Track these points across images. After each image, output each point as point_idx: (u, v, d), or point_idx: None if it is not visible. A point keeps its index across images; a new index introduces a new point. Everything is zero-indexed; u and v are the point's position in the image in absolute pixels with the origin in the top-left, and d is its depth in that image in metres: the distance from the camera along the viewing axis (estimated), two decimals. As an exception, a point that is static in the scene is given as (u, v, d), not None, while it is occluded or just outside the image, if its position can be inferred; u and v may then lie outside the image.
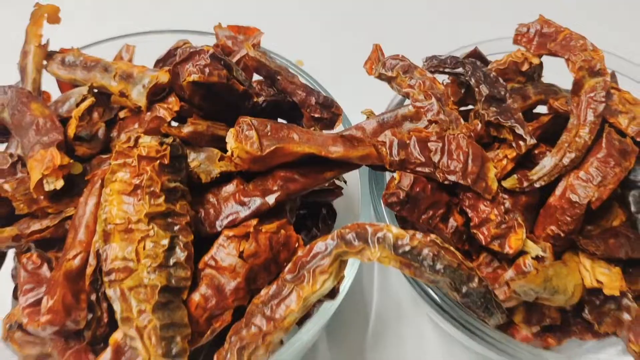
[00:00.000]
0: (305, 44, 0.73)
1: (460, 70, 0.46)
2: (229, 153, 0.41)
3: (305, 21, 0.80)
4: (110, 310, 0.37)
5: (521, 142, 0.43)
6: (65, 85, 0.49)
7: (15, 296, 0.44)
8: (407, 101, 0.47)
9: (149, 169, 0.36)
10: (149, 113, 0.43)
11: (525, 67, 0.48)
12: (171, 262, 0.36)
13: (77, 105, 0.45)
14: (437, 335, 0.53)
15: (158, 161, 0.37)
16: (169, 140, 0.39)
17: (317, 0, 0.84)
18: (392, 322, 0.56)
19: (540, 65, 0.50)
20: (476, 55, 0.52)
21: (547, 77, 0.52)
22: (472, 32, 0.58)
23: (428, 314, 0.53)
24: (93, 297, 0.37)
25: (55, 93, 0.51)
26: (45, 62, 0.48)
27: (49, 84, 0.50)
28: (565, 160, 0.43)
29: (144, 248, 0.36)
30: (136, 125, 0.44)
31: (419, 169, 0.41)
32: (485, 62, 0.52)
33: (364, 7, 0.82)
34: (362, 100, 0.52)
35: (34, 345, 0.40)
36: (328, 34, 0.78)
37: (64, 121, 0.44)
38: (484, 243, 0.42)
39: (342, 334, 0.56)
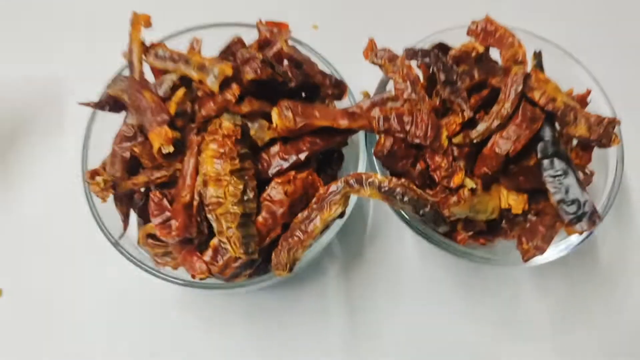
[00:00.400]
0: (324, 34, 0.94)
1: (427, 60, 0.68)
2: (273, 125, 0.63)
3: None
4: (210, 227, 0.62)
5: (465, 114, 0.66)
6: (156, 71, 0.71)
7: (140, 215, 0.69)
8: (391, 83, 0.69)
9: (229, 142, 0.60)
10: (219, 96, 0.65)
11: (474, 54, 0.70)
12: (245, 198, 0.60)
13: (171, 89, 0.67)
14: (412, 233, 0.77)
15: (234, 137, 0.60)
16: (239, 122, 0.62)
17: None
18: (382, 228, 0.81)
19: (487, 50, 0.71)
20: (440, 46, 0.73)
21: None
22: (452, 17, 0.78)
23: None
24: (199, 219, 0.61)
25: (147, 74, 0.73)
26: (144, 56, 0.70)
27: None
28: (494, 125, 0.65)
29: (228, 190, 0.59)
30: (211, 104, 0.65)
31: (396, 134, 0.64)
32: (448, 50, 0.72)
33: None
34: (362, 76, 0.74)
35: (161, 247, 0.66)
36: (342, 26, 0.97)
37: (163, 100, 0.67)
38: (437, 181, 0.66)
39: (348, 234, 0.81)
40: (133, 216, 0.69)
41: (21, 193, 0.84)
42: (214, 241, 0.61)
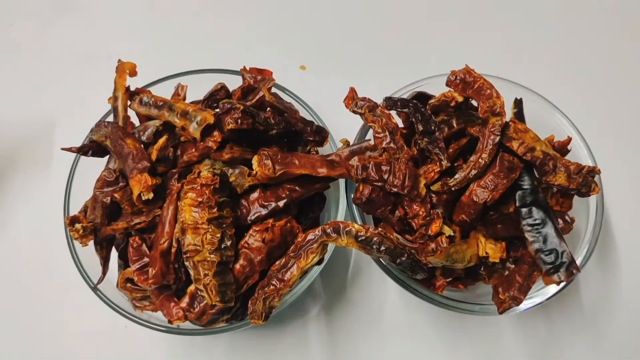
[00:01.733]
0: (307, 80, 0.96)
1: (406, 110, 0.69)
2: (254, 172, 0.64)
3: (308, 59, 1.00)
4: (187, 274, 0.62)
5: (442, 163, 0.67)
6: (141, 116, 0.72)
7: (120, 257, 0.69)
8: (371, 131, 0.70)
9: (207, 192, 0.60)
10: (201, 143, 0.66)
11: (452, 104, 0.70)
12: (222, 246, 0.60)
13: (154, 135, 0.68)
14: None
15: (212, 186, 0.61)
16: (218, 170, 0.63)
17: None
18: (364, 268, 0.82)
19: (465, 99, 0.72)
20: (419, 95, 0.74)
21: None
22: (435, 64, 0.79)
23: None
24: (177, 265, 0.62)
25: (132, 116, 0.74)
26: (129, 103, 0.71)
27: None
28: (471, 174, 0.66)
29: (206, 238, 0.60)
30: (193, 150, 0.66)
31: (374, 183, 0.65)
32: (428, 98, 0.73)
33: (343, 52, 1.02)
34: (344, 121, 0.76)
35: (139, 292, 0.66)
36: (324, 71, 0.99)
37: (146, 145, 0.68)
38: (415, 228, 0.66)
39: (330, 274, 0.81)
40: (115, 257, 0.70)
41: (3, 234, 0.85)
42: (191, 288, 0.61)
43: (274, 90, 0.73)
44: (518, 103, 0.75)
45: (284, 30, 1.02)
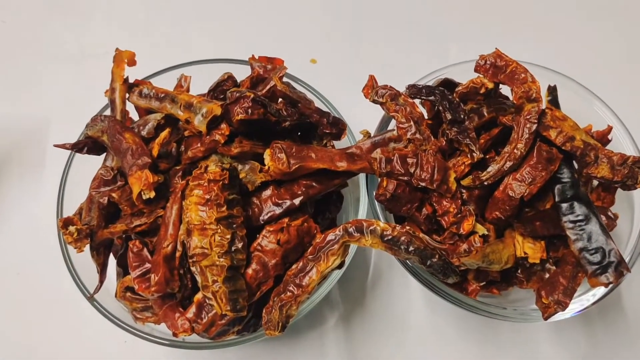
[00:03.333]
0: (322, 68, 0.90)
1: (432, 98, 0.63)
2: (265, 167, 0.58)
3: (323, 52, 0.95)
4: (193, 280, 0.56)
5: (474, 155, 0.60)
6: (141, 110, 0.66)
7: (119, 264, 0.63)
8: (393, 122, 0.64)
9: (215, 188, 0.54)
10: (207, 136, 0.60)
11: (482, 91, 0.64)
12: (233, 248, 0.54)
13: (155, 129, 0.62)
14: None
15: (221, 182, 0.54)
16: (226, 164, 0.56)
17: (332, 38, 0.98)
18: (385, 274, 0.75)
19: (496, 86, 0.66)
20: (446, 82, 0.68)
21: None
22: (458, 53, 0.74)
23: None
24: (182, 271, 0.56)
25: (131, 111, 0.68)
26: (127, 95, 0.65)
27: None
28: (506, 166, 0.60)
29: (214, 240, 0.54)
30: (199, 145, 0.60)
31: (400, 177, 0.59)
32: (454, 86, 0.67)
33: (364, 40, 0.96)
34: (363, 113, 0.69)
35: (140, 301, 0.60)
36: (340, 60, 0.93)
37: (146, 140, 0.62)
38: (445, 227, 0.60)
39: (349, 281, 0.75)
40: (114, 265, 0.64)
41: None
42: (198, 296, 0.55)
43: (285, 79, 0.67)
44: (552, 90, 0.69)
45: (291, 22, 0.97)
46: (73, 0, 1.01)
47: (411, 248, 0.54)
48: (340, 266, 0.57)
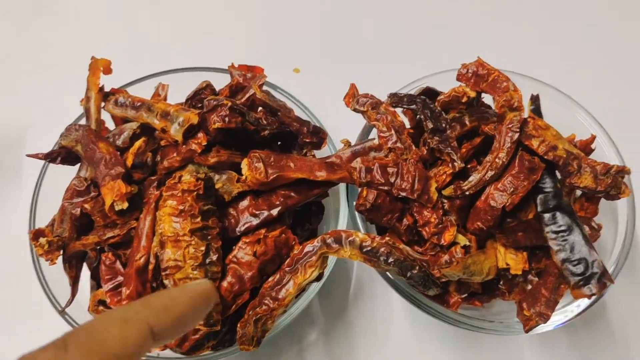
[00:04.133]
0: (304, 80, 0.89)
1: (413, 106, 0.62)
2: (243, 177, 0.57)
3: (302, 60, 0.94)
4: (167, 293, 0.54)
5: (455, 164, 0.59)
6: (117, 119, 0.65)
7: (93, 277, 0.61)
8: (374, 130, 0.63)
9: (190, 198, 0.53)
10: (184, 146, 0.59)
11: (464, 99, 0.63)
12: (207, 261, 0.53)
13: (131, 138, 0.61)
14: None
15: (195, 192, 0.53)
16: (202, 174, 0.55)
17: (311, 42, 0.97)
18: (367, 286, 0.74)
19: (478, 95, 0.65)
20: (427, 91, 0.67)
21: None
22: (440, 63, 0.73)
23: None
24: (155, 284, 0.54)
25: (108, 121, 0.67)
26: (103, 104, 0.64)
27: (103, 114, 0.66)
28: (488, 176, 0.59)
29: (188, 252, 0.52)
30: (175, 154, 0.59)
31: (380, 187, 0.58)
32: (436, 95, 0.66)
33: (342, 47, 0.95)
34: (344, 122, 0.68)
35: (113, 315, 0.58)
36: (321, 69, 0.92)
37: (121, 150, 0.61)
38: (426, 238, 0.59)
39: (329, 294, 0.73)
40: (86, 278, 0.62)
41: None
42: (172, 310, 0.53)
43: (265, 88, 0.66)
44: (535, 99, 0.68)
45: (273, 31, 0.96)
46: (53, 7, 0.99)
47: (391, 259, 0.53)
48: (318, 278, 0.56)
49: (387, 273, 0.59)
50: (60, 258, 0.59)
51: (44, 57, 0.94)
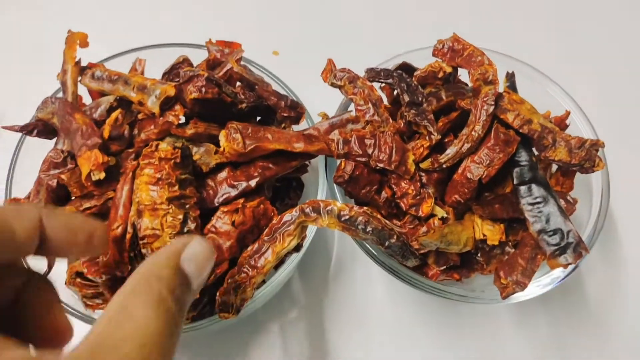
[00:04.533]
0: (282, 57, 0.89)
1: (390, 80, 0.62)
2: (221, 149, 0.57)
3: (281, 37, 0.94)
4: (145, 263, 0.54)
5: (432, 136, 0.60)
6: (94, 94, 0.65)
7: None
8: (352, 105, 0.63)
9: (167, 166, 0.52)
10: (161, 118, 0.58)
11: (440, 75, 0.64)
12: (185, 229, 0.52)
13: (107, 111, 0.60)
14: (380, 270, 0.70)
15: (172, 161, 0.53)
16: (179, 144, 0.55)
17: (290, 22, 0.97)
18: (347, 264, 0.74)
19: (454, 71, 0.66)
20: (404, 67, 0.67)
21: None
22: (418, 38, 0.73)
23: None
24: (132, 254, 0.54)
25: (85, 97, 0.67)
26: (79, 77, 0.63)
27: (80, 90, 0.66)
28: (464, 148, 0.59)
29: (165, 221, 0.52)
30: (152, 127, 0.59)
31: (358, 158, 0.58)
32: (413, 70, 0.67)
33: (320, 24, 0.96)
34: (322, 97, 0.69)
35: (90, 287, 0.58)
36: (299, 46, 0.92)
37: (98, 123, 0.60)
38: (404, 209, 0.59)
39: (310, 272, 0.73)
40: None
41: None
42: (150, 280, 0.53)
43: (242, 63, 0.66)
44: (510, 77, 0.69)
45: (252, 14, 0.96)
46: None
47: (369, 228, 0.53)
48: (297, 249, 0.56)
49: (366, 244, 0.59)
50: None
51: (17, 40, 0.93)
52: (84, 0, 0.98)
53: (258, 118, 0.64)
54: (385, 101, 0.68)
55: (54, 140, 0.63)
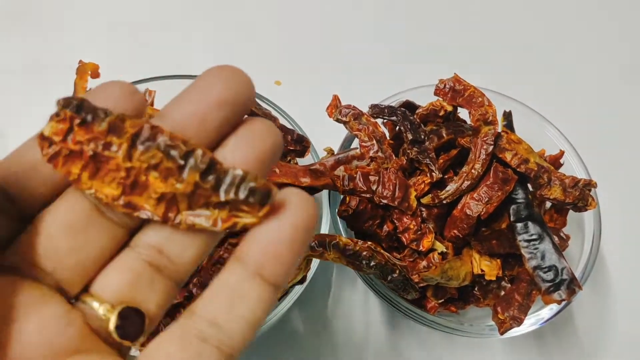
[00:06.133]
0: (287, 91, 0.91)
1: (394, 118, 0.65)
2: (230, 182, 0.59)
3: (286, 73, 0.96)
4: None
5: (433, 174, 0.62)
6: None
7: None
8: (356, 140, 0.65)
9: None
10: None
11: (441, 113, 0.67)
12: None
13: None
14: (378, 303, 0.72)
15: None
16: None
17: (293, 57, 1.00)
18: (346, 292, 0.76)
19: (454, 109, 0.68)
20: (407, 104, 0.70)
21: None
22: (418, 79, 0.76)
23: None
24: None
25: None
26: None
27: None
28: (464, 185, 0.62)
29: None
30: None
31: (362, 194, 0.60)
32: (415, 108, 0.70)
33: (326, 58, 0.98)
34: (327, 132, 0.71)
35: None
36: (305, 81, 0.94)
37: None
38: (405, 243, 0.61)
39: (310, 301, 0.75)
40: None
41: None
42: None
43: (250, 97, 0.68)
44: (507, 116, 0.72)
45: (257, 45, 0.98)
46: (37, 9, 1.00)
47: (372, 263, 0.55)
48: (301, 281, 0.58)
49: (369, 277, 0.61)
50: None
51: (20, 64, 0.94)
52: (85, 23, 1.00)
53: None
54: (387, 135, 0.71)
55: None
